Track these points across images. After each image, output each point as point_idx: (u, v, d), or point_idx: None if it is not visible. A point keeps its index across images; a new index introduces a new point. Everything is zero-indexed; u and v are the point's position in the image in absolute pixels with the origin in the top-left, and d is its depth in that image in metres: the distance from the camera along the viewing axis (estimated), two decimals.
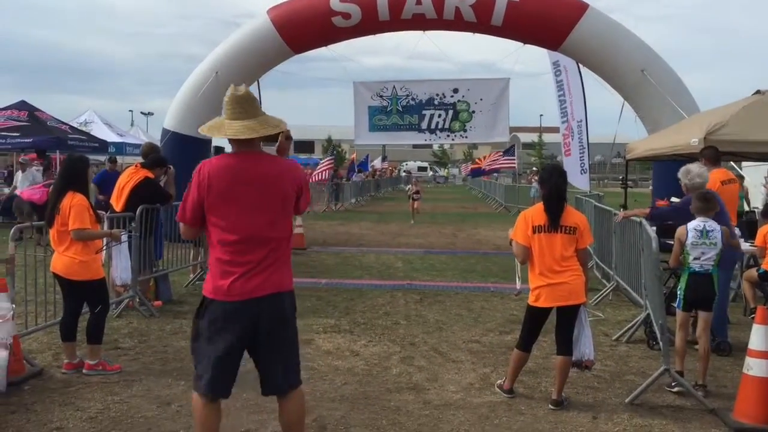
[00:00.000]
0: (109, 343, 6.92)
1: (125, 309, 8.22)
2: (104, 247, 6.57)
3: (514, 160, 28.52)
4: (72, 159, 6.34)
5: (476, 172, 34.17)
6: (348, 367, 6.34)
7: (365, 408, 5.32)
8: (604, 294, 9.48)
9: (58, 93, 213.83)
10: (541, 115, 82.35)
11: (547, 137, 78.00)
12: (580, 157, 17.30)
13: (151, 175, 8.54)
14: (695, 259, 5.70)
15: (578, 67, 16.28)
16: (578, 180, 17.56)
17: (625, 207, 11.00)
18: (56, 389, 5.58)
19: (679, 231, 5.77)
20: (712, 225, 5.74)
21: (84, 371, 5.96)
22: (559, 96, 17.87)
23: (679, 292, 5.84)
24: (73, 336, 6.10)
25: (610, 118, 14.73)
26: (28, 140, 17.04)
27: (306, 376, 5.98)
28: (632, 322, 7.52)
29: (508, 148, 29.12)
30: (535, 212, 5.36)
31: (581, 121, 17.29)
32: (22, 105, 18.23)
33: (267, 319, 3.75)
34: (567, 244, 5.22)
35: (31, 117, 17.77)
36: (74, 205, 5.90)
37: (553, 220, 5.22)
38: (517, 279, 6.48)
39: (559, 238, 5.22)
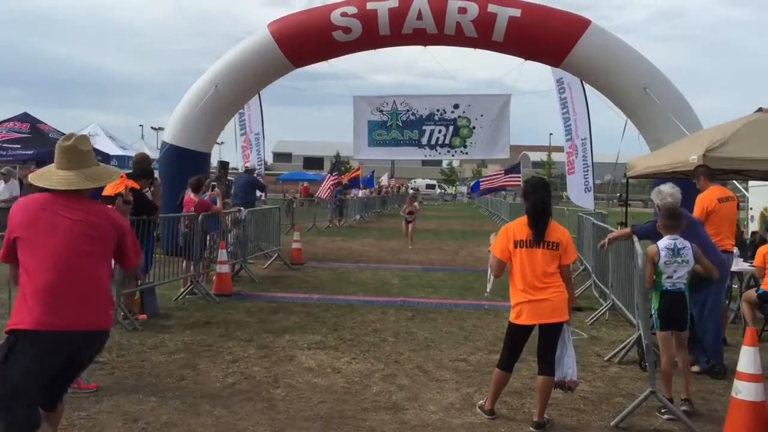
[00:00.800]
0: None
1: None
2: None
3: (519, 177, 28.32)
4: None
5: (476, 189, 33.95)
6: (327, 385, 6.16)
7: (339, 427, 5.13)
8: (600, 313, 9.26)
9: (69, 108, 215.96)
10: (550, 134, 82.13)
11: (557, 156, 77.84)
12: (584, 175, 17.12)
13: (136, 185, 8.42)
14: (668, 278, 5.57)
15: (582, 84, 16.15)
16: (582, 198, 17.36)
17: (624, 224, 10.79)
18: None
19: (651, 251, 5.62)
20: (683, 242, 5.63)
21: None
22: (563, 113, 17.73)
23: (654, 313, 5.67)
24: None
25: (617, 136, 14.51)
26: (29, 152, 17.00)
27: (283, 394, 5.86)
28: (624, 342, 7.31)
29: (512, 166, 28.94)
30: (518, 226, 5.19)
31: (585, 138, 17.13)
32: (24, 117, 18.24)
33: (81, 353, 3.83)
34: (549, 259, 5.04)
35: (32, 129, 17.76)
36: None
37: (537, 235, 5.05)
38: (488, 285, 6.37)
39: (540, 253, 5.04)
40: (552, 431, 5.14)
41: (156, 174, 11.01)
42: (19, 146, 17.07)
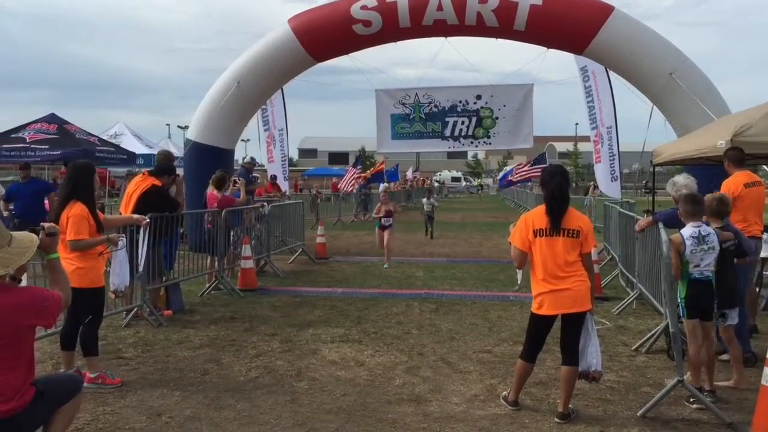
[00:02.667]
0: (111, 353, 6.85)
1: (134, 318, 8.14)
2: (108, 250, 6.31)
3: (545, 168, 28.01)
4: (75, 166, 6.22)
5: (504, 182, 33.70)
6: (350, 378, 6.14)
7: (361, 420, 5.11)
8: (628, 302, 9.12)
9: (95, 108, 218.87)
10: (576, 124, 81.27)
11: (583, 146, 77.00)
12: (611, 164, 16.88)
13: (158, 182, 8.47)
14: (695, 266, 5.46)
15: (606, 71, 15.91)
16: (609, 187, 17.12)
17: (650, 212, 10.62)
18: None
19: (676, 241, 5.49)
20: (707, 229, 5.54)
21: (84, 384, 5.84)
22: (588, 102, 17.49)
23: (680, 302, 5.55)
24: (72, 345, 6.00)
25: (643, 124, 14.26)
26: (57, 152, 17.19)
27: (306, 387, 5.86)
28: (652, 332, 7.19)
29: (537, 157, 28.64)
30: (537, 215, 5.11)
31: (611, 127, 16.88)
32: (51, 118, 18.44)
33: None
34: (570, 248, 4.96)
35: (60, 130, 17.95)
36: (72, 216, 5.83)
37: (555, 223, 4.97)
38: (517, 278, 6.25)
39: (561, 242, 4.96)
40: (577, 422, 5.06)
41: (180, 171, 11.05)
42: (47, 147, 17.27)
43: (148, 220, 7.69)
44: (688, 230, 5.53)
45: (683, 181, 6.62)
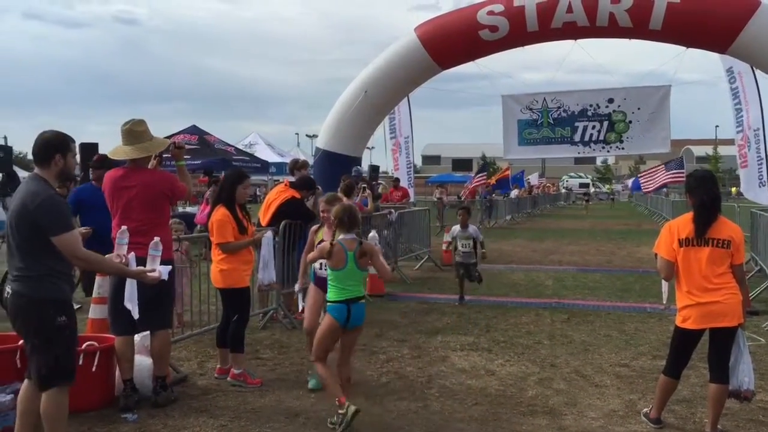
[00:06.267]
0: (250, 354, 7.14)
1: (269, 321, 8.47)
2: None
3: (682, 174, 26.53)
4: (225, 175, 6.79)
5: (637, 187, 32.25)
6: (481, 387, 6.08)
7: (494, 430, 5.04)
8: None
9: (231, 119, 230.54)
10: (716, 127, 76.68)
11: (724, 150, 72.53)
12: (759, 168, 15.76)
13: (297, 195, 8.81)
14: None
15: (753, 70, 14.90)
16: (757, 194, 15.98)
17: None
18: (195, 396, 5.81)
19: None
20: None
21: (228, 379, 6.16)
22: (735, 105, 16.45)
23: None
24: (226, 343, 6.33)
25: None
26: (198, 162, 18.30)
27: (437, 394, 5.86)
28: None
29: (671, 160, 27.19)
30: (682, 223, 4.84)
31: (758, 129, 15.75)
32: (193, 129, 19.66)
33: None
34: (719, 259, 4.66)
35: (200, 140, 19.11)
36: (216, 220, 6.19)
37: (701, 232, 4.68)
38: (663, 295, 5.87)
39: (708, 252, 4.67)
40: None
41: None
42: (189, 157, 18.40)
43: (269, 240, 7.77)
44: None
45: None
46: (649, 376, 6.29)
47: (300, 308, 6.42)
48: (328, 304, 5.16)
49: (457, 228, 10.47)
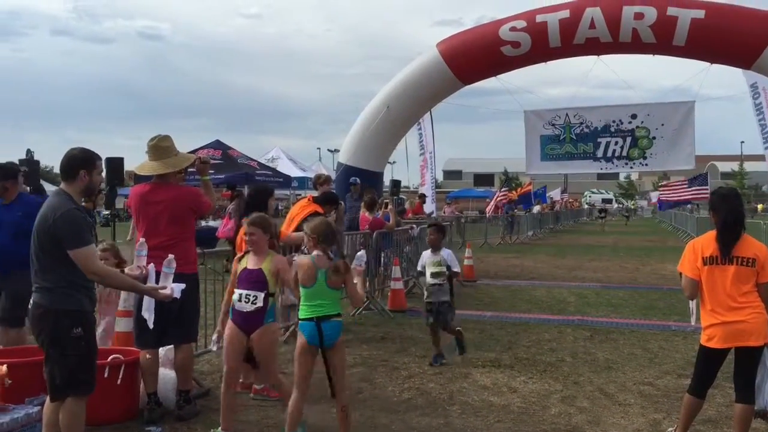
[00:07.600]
0: None
1: (291, 336, 8.50)
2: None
3: (706, 189, 26.26)
4: (254, 189, 6.87)
5: (661, 204, 31.97)
6: (503, 404, 6.05)
7: None
8: None
9: (253, 134, 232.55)
10: (742, 142, 75.78)
11: (750, 166, 71.71)
12: None
13: (320, 210, 8.86)
14: None
15: None
16: None
17: None
18: (218, 410, 5.79)
19: None
20: None
21: (251, 395, 6.20)
22: (759, 120, 16.35)
23: None
24: (248, 357, 6.35)
25: None
26: (221, 176, 18.47)
27: (459, 411, 5.84)
28: None
29: (696, 176, 26.94)
30: (706, 241, 4.80)
31: None
32: (217, 144, 19.86)
33: None
34: (744, 277, 4.61)
35: (224, 155, 19.29)
36: (242, 234, 6.25)
37: (726, 250, 4.64)
38: (691, 315, 5.79)
39: (733, 270, 4.63)
40: None
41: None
42: (212, 171, 18.57)
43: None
44: None
45: None
46: (674, 395, 6.22)
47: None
48: (300, 322, 4.94)
49: (426, 253, 7.83)
